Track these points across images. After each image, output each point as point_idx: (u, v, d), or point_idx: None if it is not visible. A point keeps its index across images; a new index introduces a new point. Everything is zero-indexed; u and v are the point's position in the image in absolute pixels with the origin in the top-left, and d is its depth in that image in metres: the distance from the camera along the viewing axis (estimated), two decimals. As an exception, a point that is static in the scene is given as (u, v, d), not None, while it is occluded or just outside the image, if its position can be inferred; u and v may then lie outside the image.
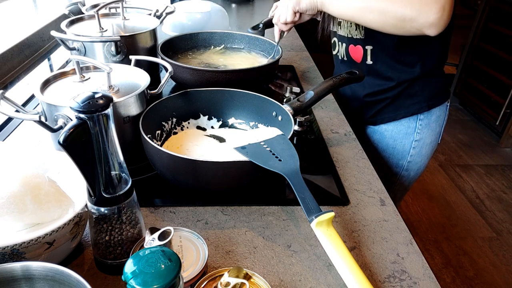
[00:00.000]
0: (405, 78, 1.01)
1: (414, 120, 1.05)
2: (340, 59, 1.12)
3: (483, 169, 2.65)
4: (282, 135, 0.74)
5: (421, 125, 1.06)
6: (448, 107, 1.08)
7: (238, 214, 0.68)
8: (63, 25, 1.00)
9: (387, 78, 1.03)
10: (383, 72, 1.03)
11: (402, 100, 1.04)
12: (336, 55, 1.15)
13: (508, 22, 2.75)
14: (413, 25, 0.81)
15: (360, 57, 1.05)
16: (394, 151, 1.11)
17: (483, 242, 2.07)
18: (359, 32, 1.01)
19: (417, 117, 1.05)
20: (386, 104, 1.06)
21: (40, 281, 0.45)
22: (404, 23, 0.82)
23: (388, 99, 1.05)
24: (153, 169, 0.76)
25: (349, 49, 1.07)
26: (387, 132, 1.10)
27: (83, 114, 0.46)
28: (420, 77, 1.01)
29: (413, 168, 1.13)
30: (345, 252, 0.54)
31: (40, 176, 0.56)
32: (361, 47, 1.03)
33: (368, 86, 1.06)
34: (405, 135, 1.08)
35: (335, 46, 1.14)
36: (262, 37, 1.21)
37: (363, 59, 1.04)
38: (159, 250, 0.41)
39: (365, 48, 1.02)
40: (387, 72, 1.02)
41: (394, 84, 1.02)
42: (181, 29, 1.38)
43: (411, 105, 1.04)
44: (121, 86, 0.73)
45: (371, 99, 1.08)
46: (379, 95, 1.06)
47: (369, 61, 1.03)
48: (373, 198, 0.74)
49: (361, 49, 1.03)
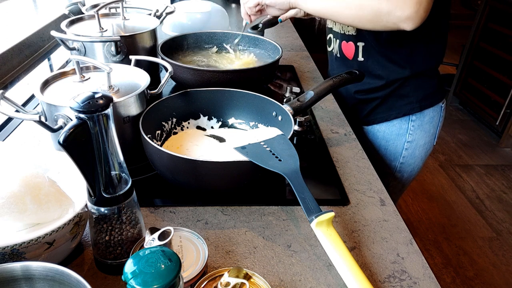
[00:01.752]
0: (395, 77, 1.01)
1: (406, 121, 1.05)
2: (334, 55, 1.12)
3: (483, 169, 2.65)
4: (282, 135, 0.74)
5: (414, 126, 1.05)
6: (443, 108, 1.07)
7: (238, 214, 0.68)
8: (63, 25, 1.00)
9: (377, 76, 1.03)
10: (374, 70, 1.03)
11: (394, 100, 1.04)
12: (331, 51, 1.15)
13: (508, 22, 2.75)
14: (389, 19, 0.81)
15: (352, 54, 1.05)
16: (386, 152, 1.11)
17: (483, 242, 2.07)
18: (351, 28, 1.01)
19: (409, 118, 1.05)
20: (377, 104, 1.06)
21: (40, 281, 0.45)
22: (380, 17, 0.82)
23: (379, 98, 1.05)
24: (153, 169, 0.76)
25: (341, 46, 1.07)
26: (380, 133, 1.10)
27: (83, 114, 0.46)
28: (411, 78, 1.01)
29: (406, 170, 1.12)
30: (345, 252, 0.54)
31: (40, 176, 0.56)
32: (353, 43, 1.03)
33: (359, 83, 1.05)
34: (397, 136, 1.07)
35: (330, 42, 1.14)
36: (262, 37, 1.21)
37: (355, 55, 1.04)
38: (159, 250, 0.41)
39: (356, 44, 1.02)
40: (377, 70, 1.02)
41: (384, 83, 1.02)
42: (181, 29, 1.38)
43: (403, 106, 1.04)
44: (121, 86, 0.73)
45: (362, 97, 1.08)
46: (369, 93, 1.06)
47: (360, 57, 1.03)
48: (373, 198, 0.74)
49: (353, 46, 1.03)
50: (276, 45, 1.15)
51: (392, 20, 0.81)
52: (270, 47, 1.17)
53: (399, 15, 0.79)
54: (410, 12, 0.78)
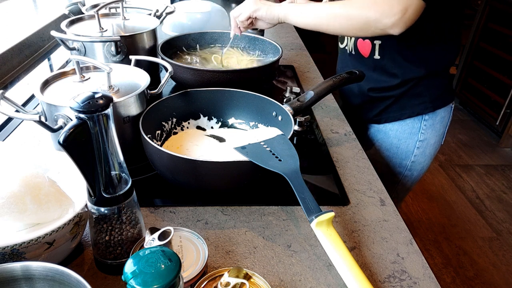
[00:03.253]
0: (410, 76, 1.01)
1: (419, 121, 1.06)
2: (348, 52, 1.12)
3: (483, 169, 2.65)
4: (282, 135, 0.74)
5: (426, 125, 1.06)
6: (452, 108, 1.08)
7: (238, 214, 0.68)
8: (63, 25, 1.00)
9: (392, 74, 1.03)
10: (389, 68, 1.02)
11: (407, 99, 1.04)
12: (343, 48, 1.14)
13: (508, 22, 2.75)
14: (377, 26, 0.84)
15: (368, 52, 1.04)
16: (398, 151, 1.11)
17: (483, 242, 2.07)
18: None
19: (422, 117, 1.05)
20: (391, 103, 1.06)
21: (40, 281, 0.45)
22: (368, 25, 0.85)
23: (393, 97, 1.05)
24: (153, 169, 0.76)
25: (357, 43, 1.07)
26: (392, 131, 1.10)
27: (83, 114, 0.46)
28: (425, 77, 1.01)
29: (416, 168, 1.13)
30: (345, 252, 0.54)
31: (40, 176, 0.56)
32: (369, 41, 1.03)
33: (373, 81, 1.06)
34: (410, 135, 1.08)
35: (343, 39, 1.13)
36: (261, 37, 1.21)
37: (371, 53, 1.04)
38: (159, 250, 0.41)
39: (373, 42, 1.02)
40: (393, 69, 1.02)
41: (399, 82, 1.02)
42: (181, 29, 1.38)
43: (416, 105, 1.04)
44: (121, 86, 0.73)
45: (375, 95, 1.08)
46: (383, 92, 1.06)
47: (377, 56, 1.03)
48: (373, 198, 0.74)
49: (370, 43, 1.03)
50: (276, 45, 1.15)
51: (380, 27, 0.84)
52: (270, 47, 1.17)
53: (385, 22, 0.83)
54: (396, 19, 0.82)
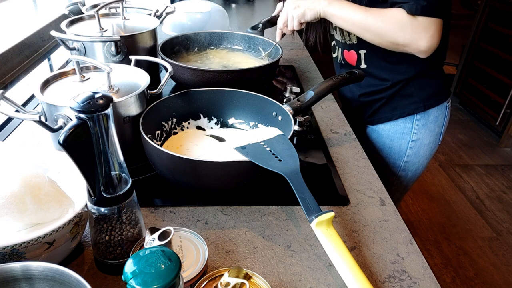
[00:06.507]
0: (399, 78, 1.02)
1: (411, 120, 1.06)
2: (339, 62, 1.14)
3: (483, 169, 2.65)
4: (282, 135, 0.74)
5: (418, 125, 1.06)
6: (448, 108, 1.08)
7: (238, 214, 0.68)
8: (63, 25, 1.00)
9: (382, 79, 1.04)
10: (379, 75, 1.04)
11: (398, 100, 1.05)
12: (335, 58, 1.16)
13: (508, 22, 2.75)
14: (406, 49, 0.89)
15: (355, 61, 1.07)
16: (391, 151, 1.11)
17: (483, 242, 2.07)
18: (353, 36, 1.03)
19: (413, 117, 1.05)
20: (382, 104, 1.07)
21: (40, 281, 0.45)
22: (397, 46, 0.90)
23: (383, 99, 1.06)
24: (153, 169, 0.76)
25: (344, 54, 1.09)
26: (384, 131, 1.11)
27: (83, 114, 0.46)
28: (415, 77, 1.02)
29: (410, 169, 1.13)
30: (345, 252, 0.54)
31: (40, 176, 0.56)
32: (354, 52, 1.05)
33: (364, 87, 1.08)
34: (402, 135, 1.08)
35: (334, 49, 1.16)
36: (261, 37, 1.21)
37: (357, 63, 1.06)
38: (159, 250, 0.41)
39: (358, 52, 1.04)
40: (382, 74, 1.04)
41: (389, 85, 1.04)
42: (181, 29, 1.38)
43: (407, 106, 1.04)
44: (121, 86, 0.73)
45: (366, 99, 1.09)
46: (374, 95, 1.07)
47: (363, 65, 1.05)
48: (373, 198, 0.74)
49: (355, 54, 1.05)
50: (276, 45, 1.14)
51: (408, 50, 0.89)
52: (270, 47, 1.17)
53: (414, 48, 0.87)
54: (424, 47, 0.86)
